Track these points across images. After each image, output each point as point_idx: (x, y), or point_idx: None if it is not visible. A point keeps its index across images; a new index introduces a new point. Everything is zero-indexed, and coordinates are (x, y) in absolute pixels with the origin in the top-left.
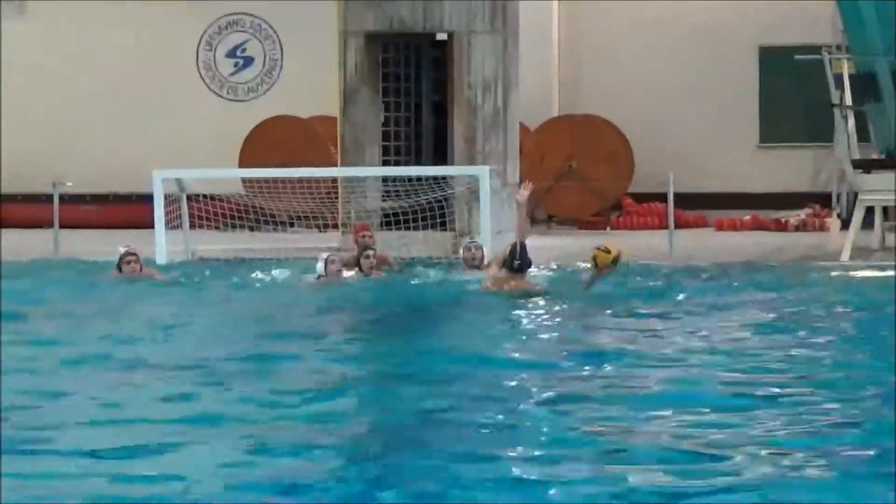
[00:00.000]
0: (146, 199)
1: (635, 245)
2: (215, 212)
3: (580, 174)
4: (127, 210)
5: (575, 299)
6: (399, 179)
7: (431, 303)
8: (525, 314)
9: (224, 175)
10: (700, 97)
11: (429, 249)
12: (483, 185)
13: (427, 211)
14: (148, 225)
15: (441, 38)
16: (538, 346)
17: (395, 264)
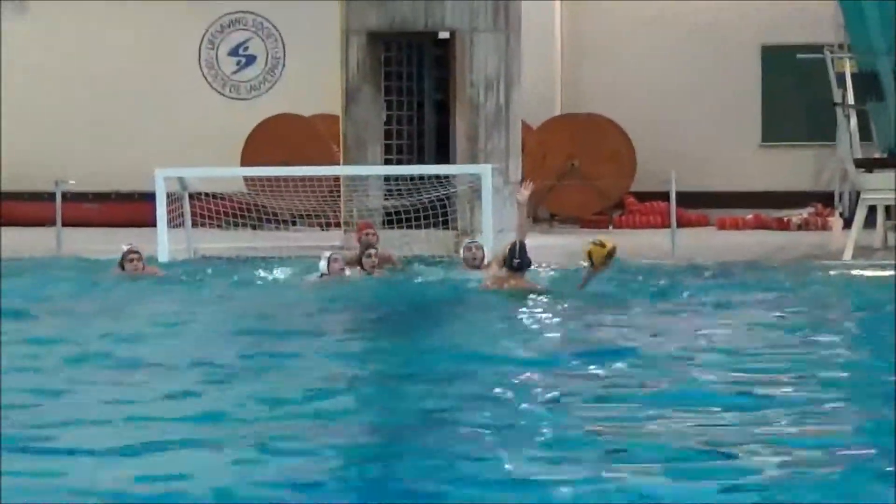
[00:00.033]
0: (148, 198)
1: (638, 244)
2: (217, 210)
3: (582, 173)
4: (129, 208)
5: (575, 298)
6: (401, 178)
7: (432, 302)
8: (525, 313)
9: (226, 173)
10: (702, 96)
11: (431, 248)
12: (485, 184)
13: (429, 209)
14: (150, 223)
15: (443, 37)
16: (537, 345)
17: (398, 263)
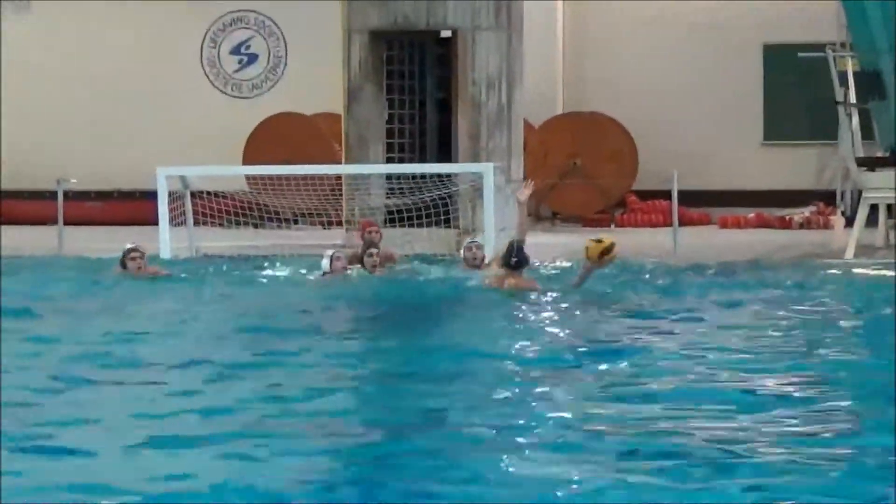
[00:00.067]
0: (150, 196)
1: (639, 243)
2: (219, 209)
3: (584, 172)
4: (131, 207)
5: (576, 297)
6: (403, 176)
7: (433, 300)
8: (524, 312)
9: (228, 172)
10: (704, 95)
11: (433, 246)
12: (487, 182)
13: (431, 208)
14: (152, 222)
15: (445, 36)
16: (537, 344)
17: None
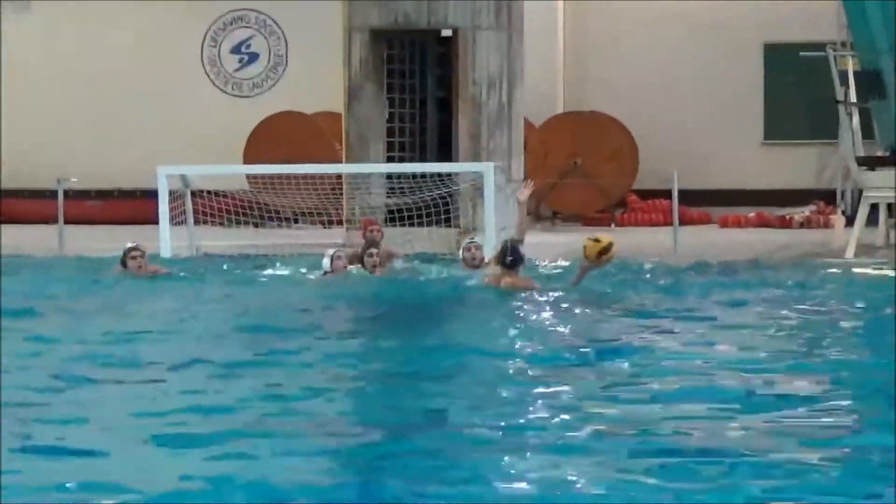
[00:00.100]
0: (151, 195)
1: (640, 242)
2: (220, 208)
3: (584, 171)
4: (131, 206)
5: (576, 296)
6: (403, 176)
7: (433, 299)
8: (523, 311)
9: (229, 171)
10: (704, 94)
11: (433, 246)
12: (487, 182)
13: (431, 207)
14: (152, 221)
15: (446, 35)
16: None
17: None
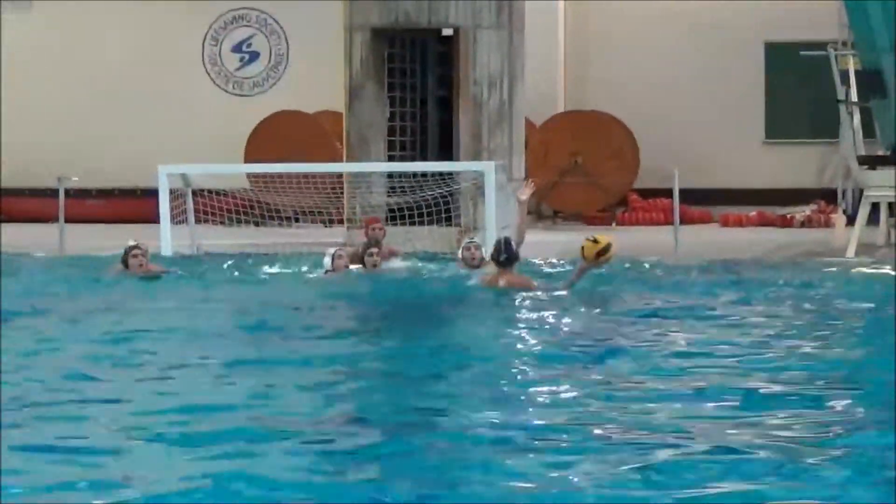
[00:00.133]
0: (152, 194)
1: (641, 241)
2: (221, 207)
3: (585, 170)
4: (132, 204)
5: (576, 296)
6: (404, 175)
7: (431, 299)
8: (523, 311)
9: (229, 170)
10: (706, 93)
11: (434, 245)
12: (488, 181)
13: (432, 206)
14: (153, 219)
15: (447, 34)
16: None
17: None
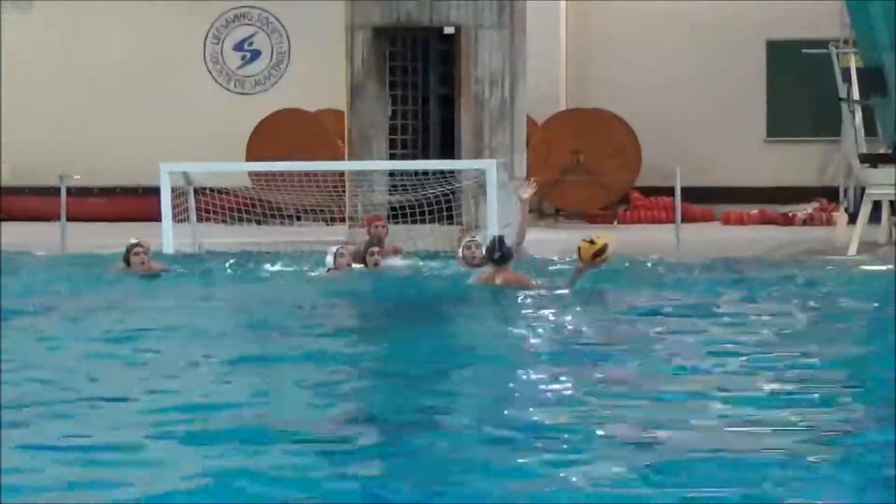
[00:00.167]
0: (153, 192)
1: (642, 239)
2: (222, 205)
3: (587, 168)
4: (134, 203)
5: (577, 295)
6: (406, 173)
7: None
8: (523, 310)
9: (231, 168)
10: (707, 91)
11: (435, 243)
12: (490, 179)
13: (434, 204)
14: (155, 218)
15: (448, 32)
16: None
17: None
